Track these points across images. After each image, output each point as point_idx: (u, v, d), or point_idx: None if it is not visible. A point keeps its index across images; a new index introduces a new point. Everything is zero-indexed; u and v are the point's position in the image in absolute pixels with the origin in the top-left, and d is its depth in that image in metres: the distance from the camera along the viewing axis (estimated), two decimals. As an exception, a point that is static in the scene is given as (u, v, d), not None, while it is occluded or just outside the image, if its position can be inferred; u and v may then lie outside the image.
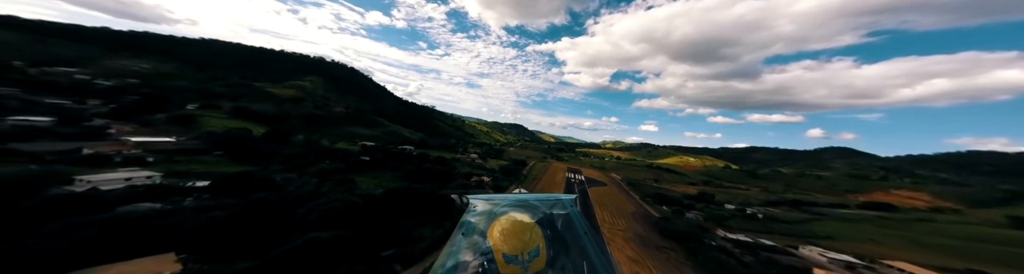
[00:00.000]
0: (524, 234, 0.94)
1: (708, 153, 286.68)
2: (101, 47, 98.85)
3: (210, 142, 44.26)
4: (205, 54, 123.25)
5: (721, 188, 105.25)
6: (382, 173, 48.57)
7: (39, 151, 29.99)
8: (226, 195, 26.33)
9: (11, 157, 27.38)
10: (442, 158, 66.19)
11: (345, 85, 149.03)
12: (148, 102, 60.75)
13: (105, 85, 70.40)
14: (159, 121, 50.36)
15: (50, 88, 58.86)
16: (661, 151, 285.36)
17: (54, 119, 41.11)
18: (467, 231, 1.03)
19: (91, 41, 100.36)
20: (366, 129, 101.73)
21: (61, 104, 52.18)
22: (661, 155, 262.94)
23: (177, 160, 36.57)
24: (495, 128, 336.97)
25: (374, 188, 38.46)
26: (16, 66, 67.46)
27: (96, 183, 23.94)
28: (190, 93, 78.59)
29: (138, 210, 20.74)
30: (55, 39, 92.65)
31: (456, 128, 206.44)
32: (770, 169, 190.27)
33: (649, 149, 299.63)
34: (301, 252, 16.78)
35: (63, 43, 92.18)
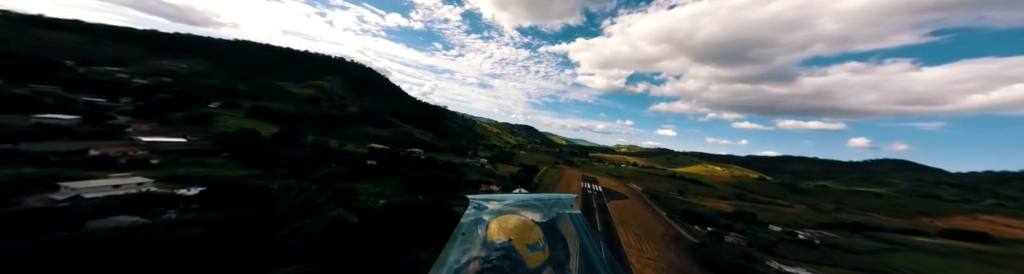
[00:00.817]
0: (524, 232, 0.96)
1: (735, 161, 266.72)
2: (147, 48, 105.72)
3: (220, 143, 43.36)
4: (238, 54, 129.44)
5: (758, 204, 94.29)
6: (387, 179, 45.80)
7: (46, 152, 29.38)
8: (214, 206, 23.91)
9: (13, 158, 26.64)
10: (450, 164, 62.81)
11: (363, 85, 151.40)
12: (174, 100, 62.27)
13: (140, 84, 73.71)
14: (177, 120, 50.65)
15: (90, 86, 61.86)
16: (683, 158, 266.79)
17: (80, 117, 41.73)
18: (467, 230, 1.03)
19: (139, 42, 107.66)
20: (378, 129, 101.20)
21: (95, 102, 54.31)
22: (683, 163, 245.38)
23: (182, 162, 35.42)
24: (505, 129, 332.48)
25: (375, 198, 35.50)
26: (67, 65, 72.29)
27: (81, 190, 22.09)
28: (217, 92, 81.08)
29: (107, 226, 18.24)
30: (110, 41, 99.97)
31: (467, 129, 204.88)
32: (814, 183, 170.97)
33: (669, 156, 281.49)
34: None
35: (115, 44, 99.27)
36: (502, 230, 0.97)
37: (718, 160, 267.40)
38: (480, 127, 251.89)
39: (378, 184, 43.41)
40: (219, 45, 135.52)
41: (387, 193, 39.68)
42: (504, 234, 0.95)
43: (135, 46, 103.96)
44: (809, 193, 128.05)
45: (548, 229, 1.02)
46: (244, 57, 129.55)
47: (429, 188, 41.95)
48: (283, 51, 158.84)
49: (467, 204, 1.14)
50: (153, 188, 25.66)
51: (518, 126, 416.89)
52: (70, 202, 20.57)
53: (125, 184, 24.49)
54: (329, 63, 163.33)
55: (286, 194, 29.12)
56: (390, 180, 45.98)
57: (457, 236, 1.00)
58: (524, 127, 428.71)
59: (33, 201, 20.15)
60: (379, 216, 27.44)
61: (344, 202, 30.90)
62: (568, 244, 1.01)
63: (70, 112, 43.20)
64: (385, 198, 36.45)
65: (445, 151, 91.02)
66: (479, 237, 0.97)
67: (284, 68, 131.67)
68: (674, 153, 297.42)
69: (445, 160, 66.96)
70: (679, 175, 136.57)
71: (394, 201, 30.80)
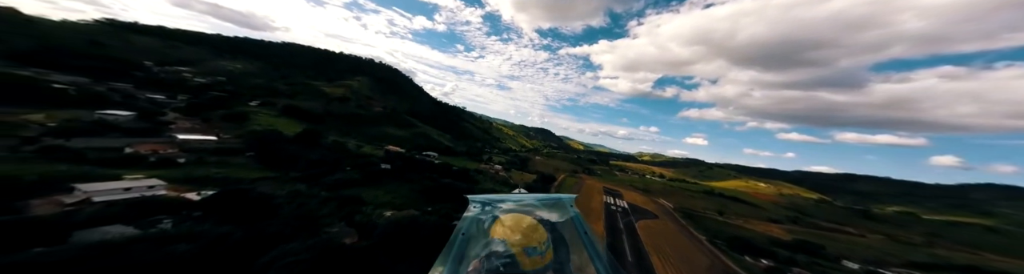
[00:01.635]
0: (525, 233, 0.95)
1: (781, 177, 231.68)
2: (211, 50, 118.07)
3: (247, 142, 44.22)
4: (284, 56, 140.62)
5: (818, 230, 77.74)
6: (399, 186, 43.50)
7: (90, 148, 30.79)
8: (214, 214, 22.48)
9: (57, 153, 27.85)
10: (465, 170, 59.61)
11: (388, 85, 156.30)
12: (221, 99, 66.80)
13: (199, 82, 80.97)
14: (217, 117, 53.29)
15: (157, 84, 68.73)
16: (718, 171, 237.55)
17: (135, 114, 45.00)
18: (467, 231, 1.02)
19: (206, 45, 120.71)
20: (398, 130, 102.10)
21: (156, 99, 59.75)
22: (718, 176, 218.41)
23: (207, 161, 35.90)
24: (521, 132, 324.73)
25: (382, 209, 32.78)
26: (146, 65, 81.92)
27: (92, 193, 21.62)
28: (260, 90, 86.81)
29: (91, 239, 16.77)
30: (182, 44, 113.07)
31: (483, 131, 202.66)
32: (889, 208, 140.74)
33: (701, 168, 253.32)
34: None
35: (186, 47, 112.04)
36: (503, 231, 0.96)
37: (760, 175, 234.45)
38: (496, 129, 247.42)
39: (389, 191, 41.24)
40: (269, 47, 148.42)
41: (397, 202, 37.21)
42: (505, 235, 0.94)
43: (202, 48, 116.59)
44: (887, 221, 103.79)
45: (548, 229, 1.02)
46: (288, 58, 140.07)
47: (441, 198, 38.61)
48: (321, 52, 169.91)
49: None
50: (164, 191, 24.99)
51: (534, 129, 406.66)
52: (76, 206, 20.03)
53: (137, 187, 23.91)
54: (360, 64, 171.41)
55: (290, 203, 27.24)
56: (402, 187, 43.67)
57: (457, 236, 0.99)
58: (540, 130, 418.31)
59: (44, 204, 19.82)
60: (381, 234, 24.11)
61: (348, 214, 28.46)
62: (568, 244, 1.01)
63: (130, 108, 46.99)
64: (394, 208, 33.89)
65: (460, 155, 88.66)
66: (479, 237, 0.97)
67: (320, 68, 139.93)
68: (706, 165, 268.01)
69: (459, 166, 64.11)
70: (717, 191, 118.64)
71: (399, 217, 27.44)
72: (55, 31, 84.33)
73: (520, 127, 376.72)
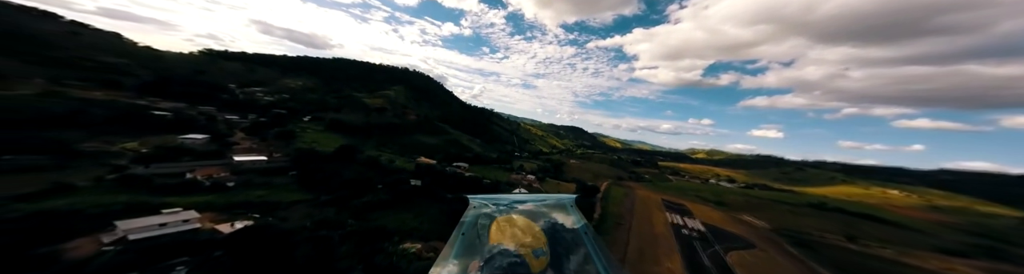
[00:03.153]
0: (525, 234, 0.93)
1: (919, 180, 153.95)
2: (280, 70, 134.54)
3: (291, 160, 45.27)
4: (334, 70, 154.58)
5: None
6: (427, 207, 39.97)
7: (158, 174, 32.94)
8: (235, 255, 20.41)
9: (129, 182, 29.65)
10: (496, 184, 53.98)
11: (422, 93, 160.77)
12: (280, 116, 72.82)
13: (268, 100, 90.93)
14: (271, 136, 56.83)
15: (235, 105, 78.18)
16: (813, 173, 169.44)
17: (208, 136, 49.66)
18: (467, 231, 1.02)
19: (275, 65, 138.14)
20: (430, 137, 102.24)
21: (231, 119, 67.36)
22: (813, 179, 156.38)
23: (254, 183, 36.59)
24: (550, 131, 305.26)
25: (408, 240, 28.89)
26: (230, 88, 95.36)
27: (129, 231, 21.22)
28: (313, 105, 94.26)
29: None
30: (258, 66, 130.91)
31: (511, 133, 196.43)
32: None
33: (784, 168, 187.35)
34: None
35: (261, 69, 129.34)
36: (503, 232, 0.94)
37: (880, 176, 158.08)
38: (524, 130, 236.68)
39: (417, 214, 37.82)
40: (322, 63, 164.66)
41: (424, 228, 33.52)
42: (505, 235, 0.92)
43: (273, 69, 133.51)
44: None
45: (549, 230, 1.01)
46: (338, 72, 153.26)
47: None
48: (364, 65, 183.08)
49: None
50: (197, 225, 24.25)
51: (564, 127, 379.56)
52: (112, 246, 19.38)
53: (172, 221, 23.35)
54: (396, 74, 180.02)
55: (310, 240, 24.35)
56: (431, 208, 40.00)
57: (457, 236, 0.98)
58: (571, 128, 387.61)
59: (85, 243, 19.39)
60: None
61: (369, 254, 24.70)
62: (569, 245, 0.99)
63: (209, 131, 52.39)
64: (421, 237, 30.03)
65: (490, 162, 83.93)
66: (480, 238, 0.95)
67: (363, 80, 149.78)
68: (791, 163, 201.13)
69: (491, 178, 58.96)
70: (829, 204, 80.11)
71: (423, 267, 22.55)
72: (175, 62, 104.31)
73: (549, 126, 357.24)
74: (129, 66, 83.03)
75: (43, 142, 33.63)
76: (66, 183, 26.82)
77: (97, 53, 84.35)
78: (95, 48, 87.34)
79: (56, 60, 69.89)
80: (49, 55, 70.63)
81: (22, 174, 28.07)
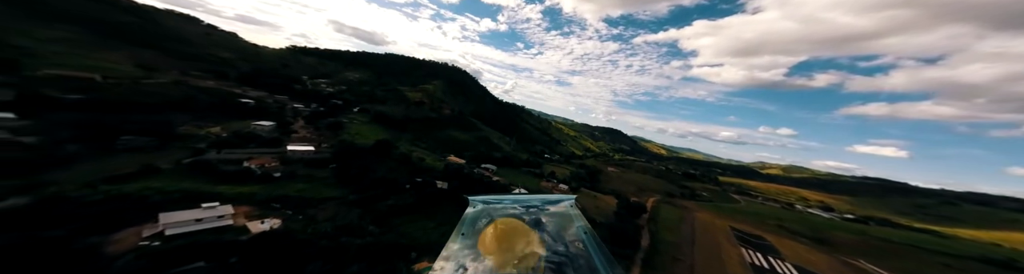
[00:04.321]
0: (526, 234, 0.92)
1: None
2: (343, 64, 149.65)
3: (333, 152, 47.02)
4: (385, 65, 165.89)
5: None
6: (450, 214, 36.95)
7: (223, 160, 36.23)
8: (249, 263, 19.57)
9: (197, 168, 32.76)
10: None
11: (459, 87, 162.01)
12: (336, 107, 79.12)
13: (329, 91, 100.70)
14: (323, 126, 60.92)
15: (303, 95, 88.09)
16: (972, 210, 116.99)
17: (275, 124, 55.13)
18: (467, 231, 1.02)
19: (339, 60, 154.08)
20: (462, 133, 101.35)
21: (297, 108, 75.68)
22: (976, 219, 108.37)
23: (298, 174, 38.09)
24: (584, 132, 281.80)
25: (425, 257, 25.85)
26: (302, 79, 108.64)
27: (168, 225, 21.86)
28: (365, 97, 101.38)
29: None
30: (327, 60, 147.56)
31: (542, 132, 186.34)
32: None
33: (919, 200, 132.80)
34: None
35: (329, 62, 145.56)
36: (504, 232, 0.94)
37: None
38: (556, 129, 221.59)
39: (439, 223, 35.01)
40: (376, 58, 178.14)
41: (444, 241, 30.30)
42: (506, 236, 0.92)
43: (338, 63, 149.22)
44: None
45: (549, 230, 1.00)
46: (388, 66, 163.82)
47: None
48: (410, 60, 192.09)
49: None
50: (230, 221, 24.40)
51: (600, 129, 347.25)
52: (149, 241, 19.89)
53: (208, 217, 23.74)
54: (436, 68, 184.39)
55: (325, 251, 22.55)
56: (452, 216, 36.07)
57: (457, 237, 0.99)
58: (608, 130, 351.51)
59: (127, 236, 20.29)
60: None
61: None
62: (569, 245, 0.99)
63: (277, 118, 58.60)
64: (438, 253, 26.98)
65: (519, 165, 78.41)
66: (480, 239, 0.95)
67: (408, 74, 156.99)
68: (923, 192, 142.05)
69: (518, 185, 53.57)
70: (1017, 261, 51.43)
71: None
72: (269, 57, 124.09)
73: (583, 126, 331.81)
74: (235, 60, 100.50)
75: (154, 124, 40.25)
76: (153, 166, 30.49)
77: (218, 50, 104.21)
78: (217, 45, 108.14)
79: (190, 55, 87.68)
80: (186, 51, 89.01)
81: (130, 154, 33.31)
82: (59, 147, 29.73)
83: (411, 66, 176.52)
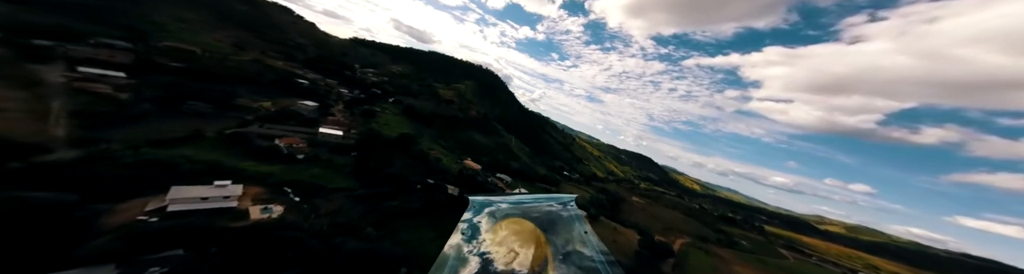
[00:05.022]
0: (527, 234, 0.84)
1: None
2: (390, 57, 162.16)
3: (358, 140, 48.14)
4: (426, 62, 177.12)
5: None
6: (452, 225, 34.32)
7: (259, 135, 38.17)
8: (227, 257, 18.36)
9: (234, 139, 34.55)
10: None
11: (488, 90, 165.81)
12: (375, 95, 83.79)
13: (372, 81, 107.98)
14: (358, 112, 63.89)
15: (350, 82, 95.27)
16: None
17: (317, 105, 58.96)
18: (467, 231, 1.03)
19: (388, 53, 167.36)
20: (483, 137, 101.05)
21: (342, 92, 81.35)
22: None
23: (320, 158, 38.36)
24: (610, 153, 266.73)
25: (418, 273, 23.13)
26: (355, 67, 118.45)
27: (173, 201, 21.54)
28: (402, 89, 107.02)
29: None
30: (379, 52, 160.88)
31: (564, 147, 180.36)
32: None
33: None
34: None
35: (380, 54, 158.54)
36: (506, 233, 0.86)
37: None
38: (579, 147, 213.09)
39: (440, 234, 32.51)
40: (420, 55, 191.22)
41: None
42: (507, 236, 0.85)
43: (387, 55, 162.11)
44: None
45: (550, 230, 0.84)
46: (428, 63, 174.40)
47: None
48: (449, 59, 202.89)
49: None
50: (234, 203, 23.89)
51: (628, 152, 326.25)
52: (148, 216, 19.49)
53: (214, 197, 23.38)
54: (471, 69, 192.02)
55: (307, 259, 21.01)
56: (453, 228, 34.27)
57: (458, 235, 0.99)
58: (636, 155, 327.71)
59: (130, 208, 19.90)
60: None
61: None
62: (569, 244, 0.82)
63: (321, 100, 62.92)
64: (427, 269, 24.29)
65: (535, 180, 74.60)
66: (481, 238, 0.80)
67: (445, 72, 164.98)
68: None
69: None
70: None
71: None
72: (334, 45, 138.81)
73: (609, 147, 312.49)
74: (307, 46, 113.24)
75: (220, 94, 44.68)
76: (200, 132, 32.66)
77: (296, 36, 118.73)
78: (297, 32, 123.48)
79: (274, 39, 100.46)
80: (273, 35, 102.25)
81: (189, 118, 36.48)
82: (137, 105, 33.38)
83: (448, 64, 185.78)
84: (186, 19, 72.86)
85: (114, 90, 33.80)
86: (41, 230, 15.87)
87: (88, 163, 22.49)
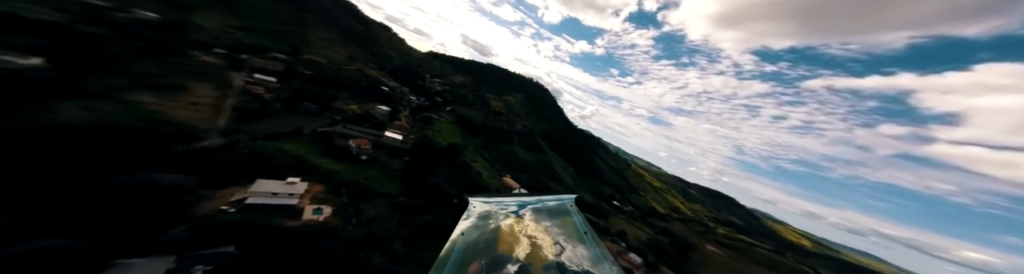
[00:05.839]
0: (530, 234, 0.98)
1: None
2: (454, 68, 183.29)
3: (413, 145, 51.91)
4: (483, 73, 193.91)
5: None
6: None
7: (341, 134, 44.40)
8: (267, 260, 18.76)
9: (322, 138, 40.53)
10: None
11: (536, 103, 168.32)
12: (436, 103, 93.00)
13: (436, 89, 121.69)
14: (419, 118, 70.58)
15: (420, 90, 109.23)
16: None
17: (389, 109, 67.59)
18: (467, 231, 1.08)
19: (453, 65, 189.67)
20: (526, 152, 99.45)
21: (412, 99, 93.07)
22: None
23: (379, 161, 42.22)
24: (676, 186, 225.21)
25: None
26: (425, 77, 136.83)
27: (252, 194, 24.49)
28: (459, 98, 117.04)
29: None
30: (446, 64, 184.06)
31: (617, 172, 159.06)
32: None
33: None
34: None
35: (446, 65, 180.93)
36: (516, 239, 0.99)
37: None
38: (635, 174, 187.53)
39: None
40: (478, 66, 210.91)
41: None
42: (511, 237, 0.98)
43: (452, 67, 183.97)
44: None
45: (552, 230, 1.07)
46: (485, 75, 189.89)
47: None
48: (503, 71, 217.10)
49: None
50: (295, 202, 26.14)
51: (700, 189, 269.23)
52: (230, 206, 22.15)
53: (281, 193, 25.93)
54: (521, 82, 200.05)
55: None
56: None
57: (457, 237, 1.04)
58: (711, 193, 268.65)
59: (222, 196, 23.02)
60: None
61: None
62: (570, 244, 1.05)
63: (393, 105, 72.48)
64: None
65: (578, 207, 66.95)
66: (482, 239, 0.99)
67: (498, 84, 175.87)
68: None
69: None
70: None
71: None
72: (414, 58, 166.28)
73: (675, 179, 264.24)
74: (394, 58, 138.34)
75: (325, 97, 55.51)
76: (300, 129, 39.51)
77: (389, 50, 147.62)
78: (390, 47, 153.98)
79: (375, 52, 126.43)
80: (374, 49, 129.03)
81: (300, 116, 45.18)
82: (272, 104, 43.16)
83: (502, 76, 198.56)
84: (325, 38, 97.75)
85: (265, 91, 44.67)
86: (147, 212, 18.72)
87: (221, 150, 28.07)
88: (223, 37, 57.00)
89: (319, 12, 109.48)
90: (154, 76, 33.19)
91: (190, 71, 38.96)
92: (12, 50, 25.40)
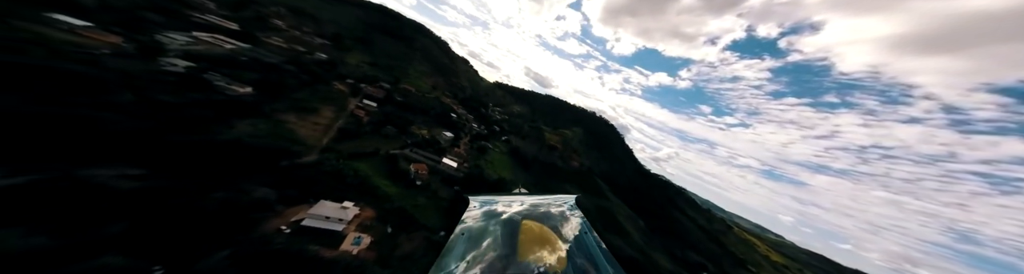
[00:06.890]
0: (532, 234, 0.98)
1: None
2: (515, 98, 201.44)
3: (465, 175, 50.36)
4: (540, 104, 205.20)
5: None
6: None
7: (405, 158, 46.60)
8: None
9: (388, 158, 42.73)
10: None
11: (597, 139, 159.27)
12: (493, 131, 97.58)
13: (496, 118, 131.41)
14: (474, 147, 72.39)
15: (482, 119, 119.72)
16: None
17: (453, 135, 72.51)
18: (467, 232, 1.03)
19: (514, 95, 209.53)
20: (582, 195, 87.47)
21: (473, 127, 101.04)
22: None
23: (430, 189, 41.87)
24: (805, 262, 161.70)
25: None
26: (489, 105, 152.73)
27: (308, 215, 25.65)
28: (515, 128, 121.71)
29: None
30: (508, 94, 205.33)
31: (709, 234, 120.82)
32: None
33: None
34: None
35: (508, 95, 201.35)
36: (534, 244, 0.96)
37: None
38: (740, 240, 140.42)
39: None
40: (536, 97, 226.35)
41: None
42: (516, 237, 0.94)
43: (513, 97, 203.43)
44: None
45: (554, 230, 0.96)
46: (542, 106, 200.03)
47: None
48: (561, 103, 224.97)
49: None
50: (340, 228, 26.03)
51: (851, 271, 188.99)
52: (287, 227, 22.99)
53: (333, 217, 26.41)
54: (581, 115, 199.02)
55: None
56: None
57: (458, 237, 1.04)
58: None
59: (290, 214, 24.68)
60: None
61: None
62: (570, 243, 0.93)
63: (456, 132, 78.33)
64: None
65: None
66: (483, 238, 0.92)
67: (554, 116, 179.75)
68: None
69: None
70: None
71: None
72: (482, 87, 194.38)
73: (804, 253, 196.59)
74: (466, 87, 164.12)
75: (404, 122, 64.04)
76: (378, 150, 43.35)
77: (463, 80, 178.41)
78: (465, 77, 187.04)
79: (452, 82, 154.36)
80: (452, 80, 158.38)
81: (380, 138, 51.20)
82: (364, 126, 50.85)
83: (559, 108, 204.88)
84: (420, 70, 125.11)
85: (364, 115, 54.01)
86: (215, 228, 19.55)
87: (310, 167, 30.52)
88: (356, 71, 77.60)
89: (422, 50, 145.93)
90: (304, 101, 43.65)
91: (326, 97, 50.89)
92: (238, 81, 37.00)
